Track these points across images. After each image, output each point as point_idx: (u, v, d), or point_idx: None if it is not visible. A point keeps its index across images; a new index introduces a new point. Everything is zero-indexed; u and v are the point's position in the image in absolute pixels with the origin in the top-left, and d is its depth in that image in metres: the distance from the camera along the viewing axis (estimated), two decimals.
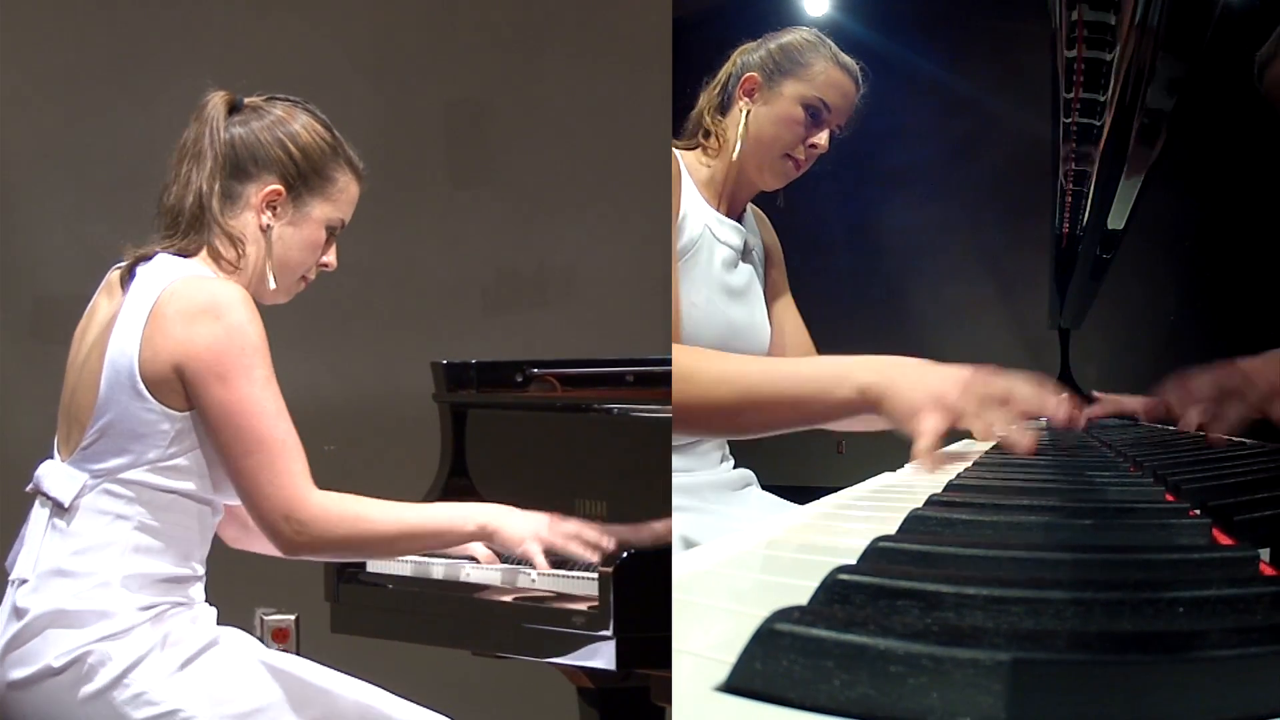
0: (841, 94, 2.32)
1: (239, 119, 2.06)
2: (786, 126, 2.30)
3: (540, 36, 3.98)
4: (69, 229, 3.68)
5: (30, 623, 1.91)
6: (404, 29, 3.91)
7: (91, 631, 1.89)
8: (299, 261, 2.08)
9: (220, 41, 3.74)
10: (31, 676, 1.89)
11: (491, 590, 2.40)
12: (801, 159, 2.33)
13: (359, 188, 2.12)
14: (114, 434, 1.92)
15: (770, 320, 2.55)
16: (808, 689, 0.56)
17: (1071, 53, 3.24)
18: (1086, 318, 4.81)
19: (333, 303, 3.64)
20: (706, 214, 2.33)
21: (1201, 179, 3.14)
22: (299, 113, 2.09)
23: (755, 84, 2.33)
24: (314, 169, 2.06)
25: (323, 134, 2.08)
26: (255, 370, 1.91)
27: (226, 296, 1.92)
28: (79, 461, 1.95)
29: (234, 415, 1.91)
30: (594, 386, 2.79)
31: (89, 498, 1.93)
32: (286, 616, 2.63)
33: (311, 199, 2.07)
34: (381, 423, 3.69)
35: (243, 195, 2.04)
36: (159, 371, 1.91)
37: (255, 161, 2.04)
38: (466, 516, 2.09)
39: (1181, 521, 1.04)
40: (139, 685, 1.88)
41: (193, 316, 1.91)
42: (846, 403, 1.69)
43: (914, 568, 0.82)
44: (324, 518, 1.94)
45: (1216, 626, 0.65)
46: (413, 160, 3.85)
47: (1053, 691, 0.53)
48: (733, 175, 2.36)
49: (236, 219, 2.03)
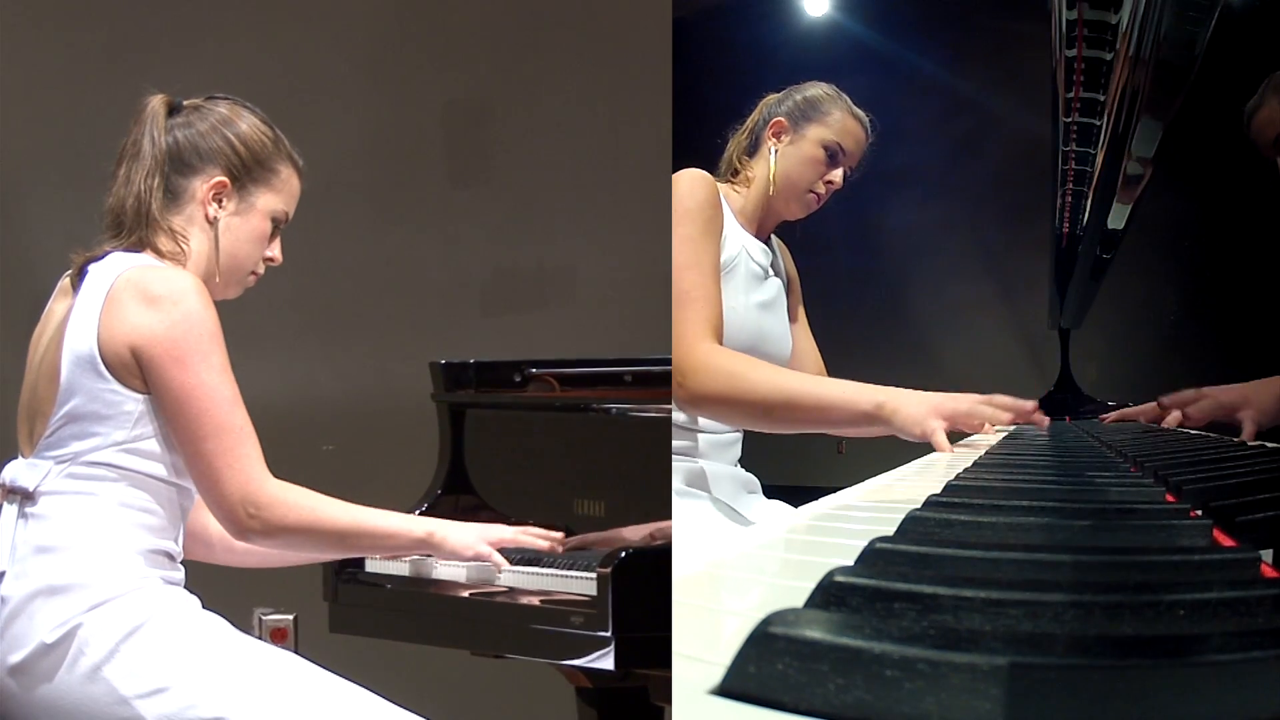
0: (855, 140, 2.67)
1: (180, 119, 2.12)
2: (810, 165, 2.64)
3: (539, 36, 3.98)
4: (67, 229, 3.67)
5: (16, 606, 1.92)
6: (402, 29, 3.91)
7: (79, 600, 1.90)
8: (247, 253, 2.12)
9: (219, 41, 3.73)
10: (28, 658, 1.90)
11: (489, 590, 2.39)
12: (821, 193, 2.66)
13: (300, 182, 2.17)
14: (78, 418, 1.95)
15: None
16: (803, 693, 0.56)
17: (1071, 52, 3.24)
18: (1086, 318, 4.81)
19: (331, 302, 3.64)
20: (743, 236, 2.63)
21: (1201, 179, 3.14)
22: (238, 109, 2.14)
23: (783, 127, 2.67)
24: (257, 160, 2.11)
25: (262, 127, 2.14)
26: (212, 356, 1.95)
27: (181, 284, 1.97)
28: (42, 452, 1.97)
29: (192, 400, 1.94)
30: (592, 386, 2.79)
31: (55, 480, 1.95)
32: (285, 616, 2.62)
33: (256, 189, 2.11)
34: (380, 422, 3.69)
35: (187, 189, 2.09)
36: (117, 354, 1.95)
37: (199, 155, 2.09)
38: (415, 524, 2.13)
39: (1182, 523, 1.04)
40: (133, 658, 1.88)
41: (149, 301, 1.95)
42: (864, 414, 2.26)
43: (911, 569, 0.81)
44: (280, 504, 1.97)
45: (1218, 630, 0.64)
46: (411, 160, 3.85)
47: (1051, 696, 0.53)
48: (763, 205, 2.68)
49: (181, 214, 2.08)
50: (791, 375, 2.41)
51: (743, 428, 2.57)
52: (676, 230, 2.41)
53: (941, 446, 2.20)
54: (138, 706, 1.87)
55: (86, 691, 1.88)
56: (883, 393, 2.29)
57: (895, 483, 1.84)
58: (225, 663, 1.92)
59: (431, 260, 3.90)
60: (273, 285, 2.43)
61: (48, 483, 1.95)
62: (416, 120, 3.91)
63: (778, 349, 2.65)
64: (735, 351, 2.36)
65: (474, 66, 3.93)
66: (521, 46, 3.96)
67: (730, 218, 2.60)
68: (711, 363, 2.30)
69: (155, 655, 1.89)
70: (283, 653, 2.01)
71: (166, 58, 3.67)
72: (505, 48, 3.95)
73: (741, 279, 2.57)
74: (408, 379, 3.06)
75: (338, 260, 3.73)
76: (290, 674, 1.95)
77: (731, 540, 1.18)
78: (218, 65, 3.58)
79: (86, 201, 3.67)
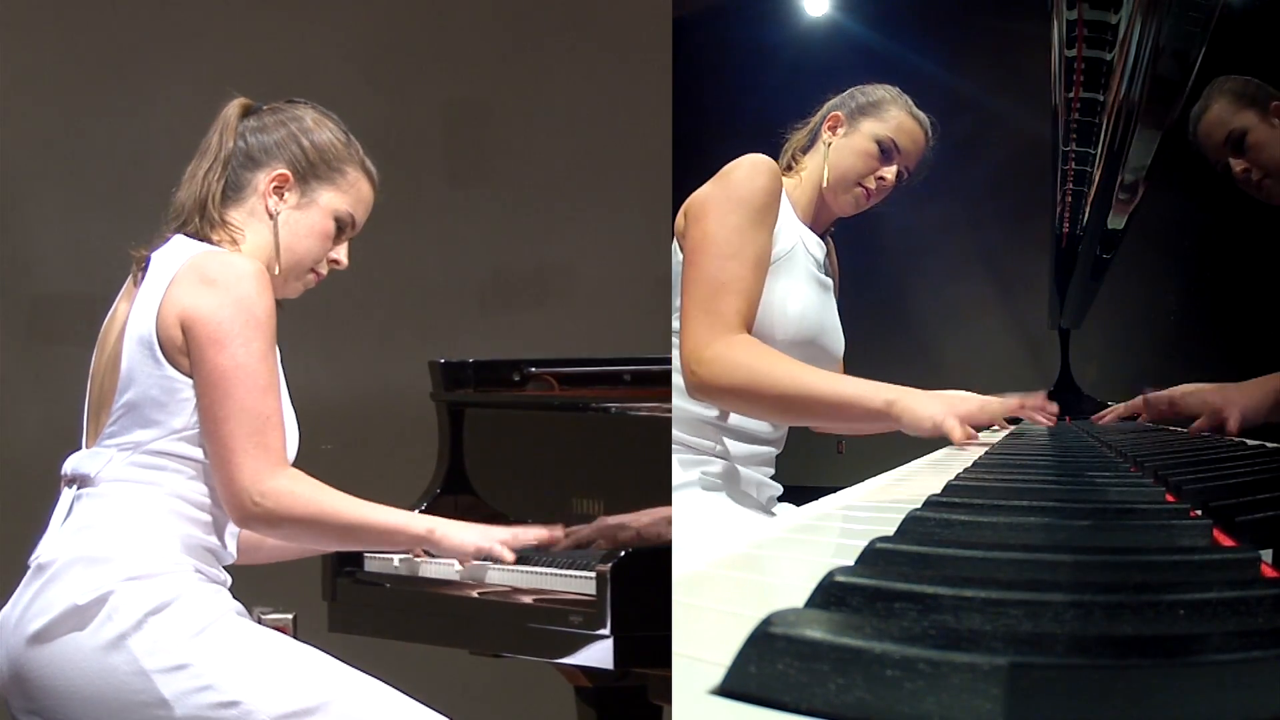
0: (911, 139, 2.65)
1: (253, 122, 2.13)
2: (861, 158, 2.62)
3: (539, 35, 3.97)
4: (67, 229, 3.68)
5: (55, 572, 1.93)
6: (402, 28, 3.91)
7: (115, 570, 1.91)
8: (306, 249, 2.12)
9: (219, 41, 3.73)
10: (54, 621, 1.90)
11: (489, 589, 2.39)
12: (872, 188, 2.64)
13: (371, 190, 2.17)
14: (139, 407, 1.96)
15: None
16: (803, 693, 0.56)
17: (1071, 52, 3.24)
18: (1086, 318, 4.81)
19: (330, 302, 3.63)
20: (799, 228, 2.61)
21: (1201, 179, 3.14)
22: (313, 111, 2.16)
23: (839, 121, 2.66)
24: (323, 159, 2.12)
25: (334, 129, 2.15)
26: (253, 342, 1.95)
27: (241, 268, 1.98)
28: (105, 441, 1.98)
29: (224, 381, 1.94)
30: (591, 385, 2.79)
31: (118, 468, 1.97)
32: (284, 615, 2.62)
33: (319, 186, 2.12)
34: (379, 422, 3.69)
35: (250, 183, 2.10)
36: (169, 334, 1.96)
37: (265, 151, 2.11)
38: (416, 521, 2.13)
39: (1182, 523, 1.04)
40: (158, 633, 1.89)
41: (207, 282, 1.96)
42: (876, 411, 2.28)
43: (911, 569, 0.81)
44: (286, 494, 1.97)
45: (1218, 630, 0.64)
46: (410, 159, 3.85)
47: (1051, 696, 0.53)
48: (816, 199, 2.66)
49: (242, 207, 2.10)
50: (808, 370, 2.39)
51: (756, 419, 2.54)
52: (723, 216, 2.37)
53: (956, 437, 2.21)
54: (156, 680, 1.88)
55: (107, 660, 1.88)
56: (894, 391, 2.29)
57: (895, 483, 1.84)
58: (246, 650, 1.93)
59: (431, 260, 3.89)
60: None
61: (109, 470, 1.97)
62: (416, 120, 3.91)
63: (834, 342, 2.64)
64: (760, 343, 2.35)
65: (474, 66, 3.93)
66: (521, 46, 3.96)
67: (787, 208, 2.58)
68: (732, 354, 2.28)
69: (180, 633, 1.90)
70: (302, 645, 2.01)
71: (166, 58, 3.67)
72: (505, 48, 3.95)
73: (801, 268, 2.56)
74: (407, 378, 3.06)
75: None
76: (309, 665, 1.96)
77: (731, 540, 1.18)
78: (217, 65, 3.58)
79: (84, 201, 3.68)
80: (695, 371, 2.29)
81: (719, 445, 2.48)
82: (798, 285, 2.52)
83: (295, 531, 2.03)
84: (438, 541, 2.13)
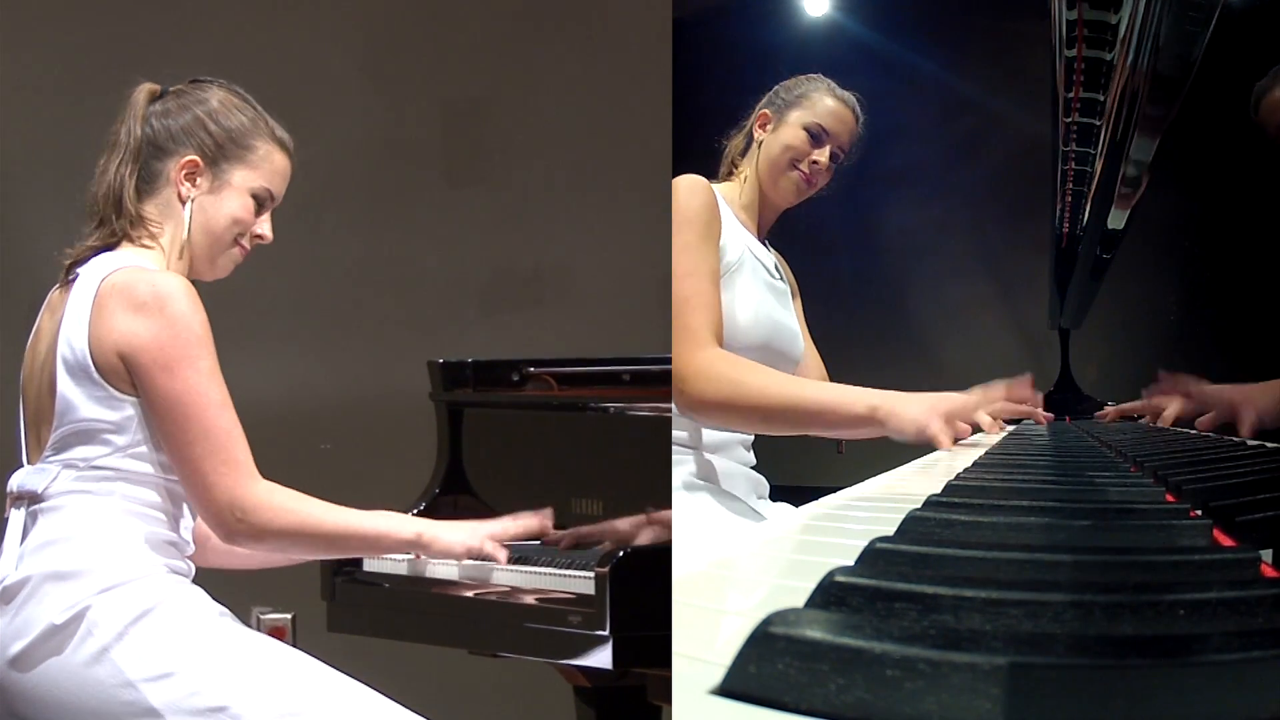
0: (838, 119, 2.70)
1: (158, 107, 2.13)
2: (790, 146, 2.68)
3: (538, 35, 3.97)
4: (66, 229, 3.67)
5: (27, 592, 1.91)
6: (401, 28, 3.90)
7: (89, 584, 1.90)
8: (224, 229, 2.11)
9: (218, 41, 3.73)
10: (33, 644, 1.89)
11: (488, 589, 2.39)
12: (807, 172, 2.69)
13: (285, 159, 2.16)
14: (80, 426, 1.96)
15: None
16: (803, 693, 0.56)
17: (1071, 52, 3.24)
18: (1086, 318, 4.81)
19: (329, 301, 3.63)
20: (745, 237, 2.65)
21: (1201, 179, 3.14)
22: (216, 89, 2.15)
23: (767, 118, 2.74)
24: (231, 139, 2.11)
25: (239, 105, 2.14)
26: (199, 361, 1.95)
27: (168, 287, 1.96)
28: (50, 458, 1.97)
29: (180, 405, 1.94)
30: (590, 385, 2.79)
31: (64, 483, 1.96)
32: (283, 615, 2.62)
33: (230, 167, 2.11)
34: (378, 422, 3.68)
35: (162, 173, 2.10)
36: (108, 361, 1.95)
37: (172, 138, 2.11)
38: (404, 524, 2.12)
39: (1182, 523, 1.04)
40: (141, 642, 1.88)
41: (136, 307, 1.95)
42: (859, 418, 2.27)
43: (911, 569, 0.81)
44: (267, 508, 1.97)
45: (1218, 630, 0.64)
46: (409, 159, 3.85)
47: (1051, 696, 0.52)
48: (758, 198, 2.73)
49: (157, 198, 2.09)
50: (789, 380, 2.41)
51: (743, 432, 2.57)
52: (675, 237, 2.43)
53: (942, 444, 2.20)
54: (143, 689, 1.87)
55: (90, 674, 1.87)
56: (877, 396, 2.30)
57: (895, 483, 1.84)
58: (231, 653, 1.93)
59: (429, 259, 3.89)
60: (270, 284, 2.44)
61: (56, 485, 1.96)
62: (415, 120, 3.91)
63: (790, 346, 2.67)
64: (736, 356, 2.37)
65: (473, 66, 3.92)
66: (521, 46, 3.96)
67: (730, 217, 2.61)
68: (713, 369, 2.32)
69: (163, 640, 1.90)
70: (288, 648, 2.01)
71: (165, 57, 3.67)
72: (504, 48, 3.95)
73: (749, 275, 2.59)
74: (405, 378, 3.05)
75: (335, 259, 3.72)
76: (295, 668, 1.96)
77: (731, 540, 1.17)
78: (217, 64, 3.57)
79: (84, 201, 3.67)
80: (681, 390, 2.32)
81: (694, 434, 2.51)
82: (747, 292, 2.56)
83: (281, 544, 2.03)
84: (426, 545, 2.13)
